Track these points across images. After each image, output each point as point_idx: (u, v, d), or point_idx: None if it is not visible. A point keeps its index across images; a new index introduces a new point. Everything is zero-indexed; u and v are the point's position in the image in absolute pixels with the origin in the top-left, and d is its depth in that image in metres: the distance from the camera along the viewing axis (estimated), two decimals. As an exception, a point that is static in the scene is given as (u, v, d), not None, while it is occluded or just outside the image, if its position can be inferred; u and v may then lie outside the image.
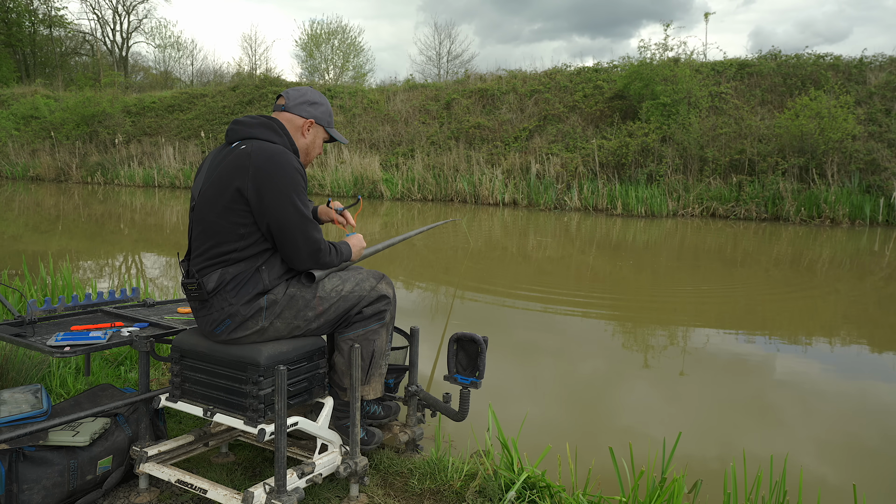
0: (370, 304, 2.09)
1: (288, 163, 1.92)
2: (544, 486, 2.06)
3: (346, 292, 2.05)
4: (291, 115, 2.08)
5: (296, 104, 2.08)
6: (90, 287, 4.58)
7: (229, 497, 1.84)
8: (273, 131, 2.00)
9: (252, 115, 2.05)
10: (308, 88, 2.14)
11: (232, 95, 20.19)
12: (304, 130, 2.09)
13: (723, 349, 4.31)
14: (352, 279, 2.08)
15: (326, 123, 2.15)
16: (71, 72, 33.16)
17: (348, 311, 2.06)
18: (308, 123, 2.09)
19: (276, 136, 2.00)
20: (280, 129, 2.02)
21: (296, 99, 2.09)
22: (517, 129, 15.64)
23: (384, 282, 2.14)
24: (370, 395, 2.15)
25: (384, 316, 2.12)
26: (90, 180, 18.87)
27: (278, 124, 2.03)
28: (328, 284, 2.04)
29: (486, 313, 5.10)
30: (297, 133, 2.09)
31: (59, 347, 2.01)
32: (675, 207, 12.14)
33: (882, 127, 12.52)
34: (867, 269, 7.31)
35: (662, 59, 14.21)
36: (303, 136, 2.10)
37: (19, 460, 1.86)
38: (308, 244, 1.94)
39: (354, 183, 15.07)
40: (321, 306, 2.01)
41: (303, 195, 1.94)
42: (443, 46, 32.19)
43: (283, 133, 2.02)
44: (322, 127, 2.14)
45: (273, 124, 2.02)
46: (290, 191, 1.90)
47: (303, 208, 1.92)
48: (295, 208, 1.90)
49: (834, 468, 2.67)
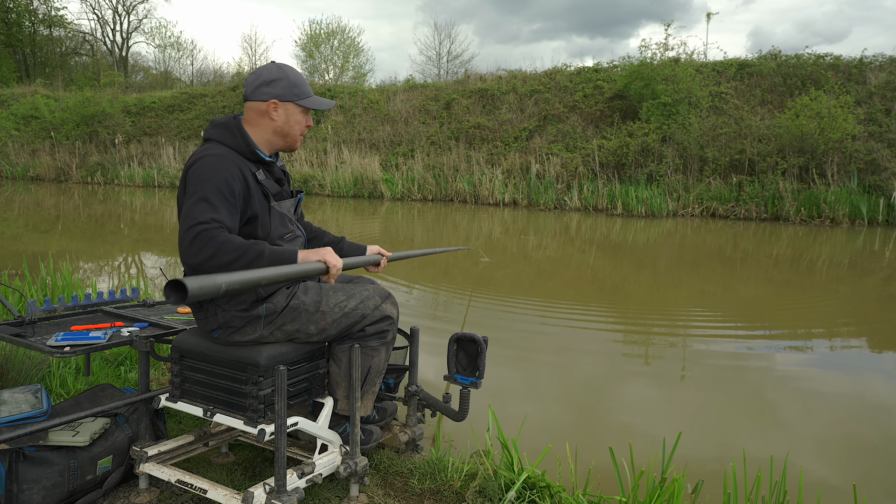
0: (373, 324, 2.05)
1: (203, 168, 1.80)
2: (544, 486, 2.06)
3: (350, 309, 2.01)
4: (253, 103, 1.96)
5: (253, 90, 1.96)
6: (90, 287, 4.58)
7: (229, 497, 1.84)
8: (228, 131, 1.93)
9: (223, 116, 1.99)
10: (264, 67, 2.00)
11: (232, 95, 20.20)
12: (270, 114, 1.96)
13: (723, 349, 4.30)
14: (357, 295, 2.03)
15: (294, 96, 1.98)
16: (71, 72, 33.15)
17: (350, 327, 2.02)
18: (272, 105, 1.95)
19: (229, 136, 1.93)
20: (236, 129, 1.93)
21: (251, 85, 1.97)
22: (517, 129, 15.64)
23: (389, 301, 2.10)
24: (360, 412, 2.09)
25: (385, 336, 2.10)
26: (90, 180, 18.86)
27: (236, 123, 1.95)
28: (332, 299, 1.99)
29: (485, 313, 5.10)
30: (263, 119, 1.96)
31: (59, 347, 2.01)
32: (675, 207, 12.14)
33: (882, 127, 12.52)
34: (867, 269, 7.31)
35: (663, 58, 14.21)
36: (272, 119, 1.97)
37: (19, 460, 1.86)
38: (183, 221, 1.69)
39: (354, 183, 15.07)
40: (323, 321, 1.97)
41: (213, 194, 1.75)
42: (443, 46, 32.20)
43: (238, 132, 1.93)
44: (290, 102, 1.98)
45: (231, 124, 1.94)
46: (198, 189, 1.76)
47: (198, 199, 1.73)
48: (189, 199, 1.75)
49: (834, 468, 2.67)
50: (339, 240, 2.27)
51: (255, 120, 1.97)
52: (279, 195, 2.01)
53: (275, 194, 1.99)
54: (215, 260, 1.66)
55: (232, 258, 1.67)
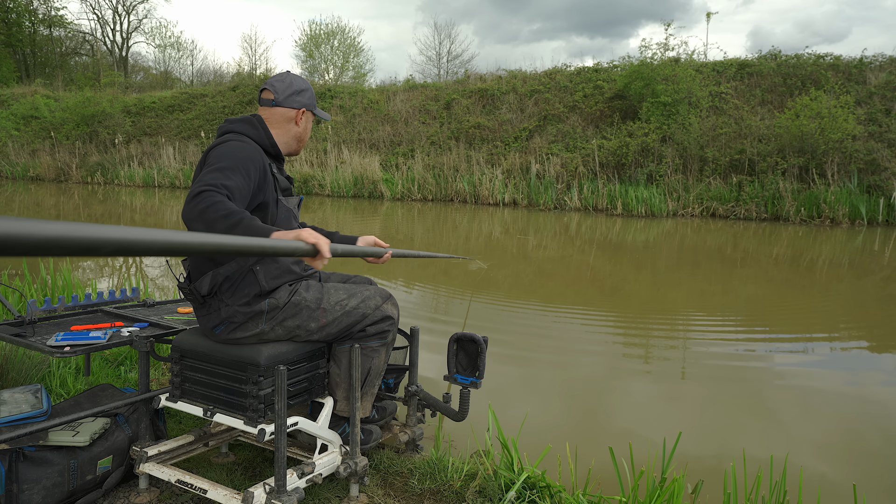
0: (374, 324, 2.07)
1: (225, 147, 1.88)
2: (544, 486, 2.06)
3: (351, 308, 2.03)
4: (283, 109, 2.08)
5: (285, 97, 2.08)
6: (90, 287, 4.58)
7: (229, 497, 1.84)
8: (251, 125, 2.02)
9: (241, 115, 2.10)
10: (291, 76, 2.13)
11: (232, 95, 20.19)
12: (297, 120, 2.11)
13: (722, 349, 4.30)
14: (358, 295, 2.06)
15: (313, 106, 2.17)
16: (71, 72, 33.14)
17: (351, 326, 2.04)
18: (300, 113, 2.11)
19: (252, 129, 2.01)
20: (258, 124, 2.03)
21: (284, 92, 2.08)
22: (517, 129, 15.63)
23: (390, 302, 2.12)
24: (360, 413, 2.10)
25: (386, 336, 2.11)
26: (90, 180, 18.86)
27: (258, 120, 2.05)
28: (333, 297, 2.02)
29: (486, 313, 5.10)
30: (289, 124, 2.10)
31: (59, 347, 2.01)
32: (675, 207, 12.14)
33: (882, 127, 12.52)
34: (867, 269, 7.31)
35: (663, 58, 14.21)
36: (296, 126, 2.11)
37: (19, 460, 1.86)
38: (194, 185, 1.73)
39: (354, 183, 15.06)
40: (324, 318, 1.99)
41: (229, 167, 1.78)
42: (442, 46, 32.17)
43: (260, 126, 2.03)
44: (311, 111, 2.16)
45: (253, 120, 2.04)
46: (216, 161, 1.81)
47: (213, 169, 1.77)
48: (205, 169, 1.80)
49: (834, 468, 2.67)
50: (330, 234, 2.27)
51: (281, 124, 2.09)
52: (287, 191, 2.12)
53: (284, 189, 2.09)
54: (205, 215, 1.61)
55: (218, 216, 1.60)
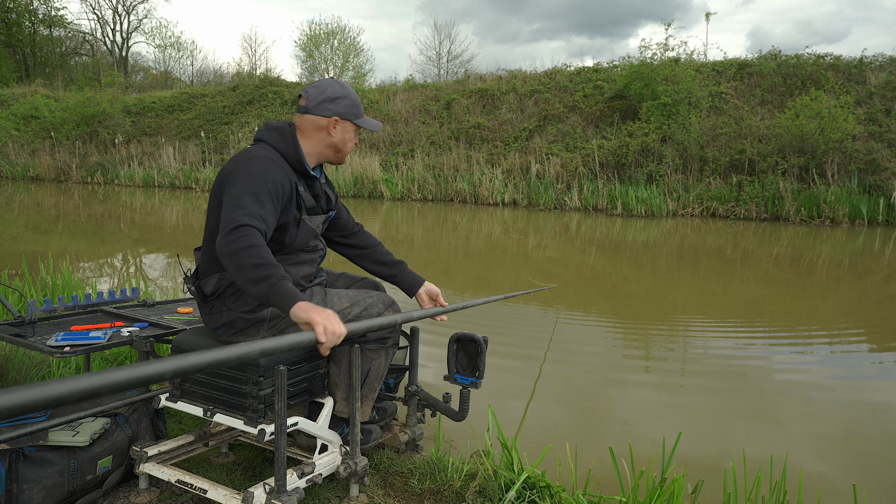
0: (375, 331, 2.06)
1: (255, 165, 1.84)
2: (544, 486, 2.06)
3: (353, 317, 2.01)
4: (313, 117, 1.98)
5: (316, 104, 1.98)
6: (90, 287, 4.58)
7: (229, 497, 1.84)
8: (282, 137, 1.96)
9: (278, 121, 2.03)
10: (328, 82, 2.03)
11: (232, 95, 20.20)
12: (329, 129, 2.00)
13: (723, 349, 4.30)
14: (361, 302, 2.05)
15: (353, 115, 2.03)
16: (71, 72, 33.14)
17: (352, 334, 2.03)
18: (333, 122, 1.99)
19: (282, 142, 1.96)
20: (289, 137, 1.97)
21: (315, 98, 1.99)
22: (517, 129, 15.64)
23: (392, 309, 2.11)
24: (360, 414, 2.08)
25: (386, 341, 2.11)
26: (90, 180, 18.86)
27: (291, 131, 1.98)
28: (336, 305, 1.99)
29: (486, 313, 5.10)
30: (321, 133, 2.00)
31: (59, 347, 2.01)
32: (674, 207, 12.14)
33: (882, 127, 12.52)
34: (867, 269, 7.31)
35: (663, 58, 14.21)
36: (329, 135, 2.01)
37: (19, 460, 1.86)
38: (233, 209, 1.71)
39: (354, 183, 15.07)
40: None
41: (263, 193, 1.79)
42: (442, 46, 32.21)
43: (290, 140, 1.96)
44: (349, 121, 2.03)
45: (285, 129, 1.98)
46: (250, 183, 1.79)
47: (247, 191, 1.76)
48: (237, 189, 1.77)
49: (834, 468, 2.67)
50: (398, 262, 2.30)
51: (312, 133, 2.01)
52: (312, 210, 2.04)
53: (309, 208, 2.01)
54: (238, 258, 1.63)
55: (251, 263, 1.62)
